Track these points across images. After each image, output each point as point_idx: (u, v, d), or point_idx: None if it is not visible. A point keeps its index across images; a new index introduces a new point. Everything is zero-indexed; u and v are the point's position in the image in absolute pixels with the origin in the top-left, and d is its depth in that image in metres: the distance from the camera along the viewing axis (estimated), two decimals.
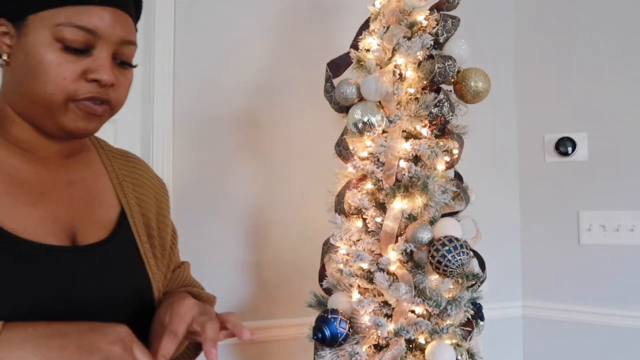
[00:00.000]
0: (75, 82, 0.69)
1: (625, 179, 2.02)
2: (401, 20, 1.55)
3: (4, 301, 0.62)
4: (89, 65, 0.70)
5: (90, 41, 0.70)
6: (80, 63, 0.70)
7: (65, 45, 0.69)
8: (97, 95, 0.71)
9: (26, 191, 0.71)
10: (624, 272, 2.01)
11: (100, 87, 0.71)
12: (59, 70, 0.68)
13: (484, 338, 1.65)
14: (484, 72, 1.55)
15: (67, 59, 0.69)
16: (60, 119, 0.71)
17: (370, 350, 1.47)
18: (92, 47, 0.70)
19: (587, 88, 2.10)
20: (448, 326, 1.48)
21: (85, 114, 0.71)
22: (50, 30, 0.68)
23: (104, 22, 0.70)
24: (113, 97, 0.73)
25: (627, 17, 2.04)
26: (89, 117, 0.72)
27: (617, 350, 2.01)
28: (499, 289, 2.01)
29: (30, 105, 0.71)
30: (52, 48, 0.68)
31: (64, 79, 0.69)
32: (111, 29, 0.70)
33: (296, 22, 2.03)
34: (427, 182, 1.47)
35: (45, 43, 0.68)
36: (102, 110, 0.72)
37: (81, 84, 0.70)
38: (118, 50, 0.73)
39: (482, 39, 2.11)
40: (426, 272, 1.48)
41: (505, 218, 2.22)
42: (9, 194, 0.69)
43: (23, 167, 0.73)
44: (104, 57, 0.71)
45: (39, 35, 0.69)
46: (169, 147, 1.79)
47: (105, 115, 0.74)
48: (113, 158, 0.86)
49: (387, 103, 1.52)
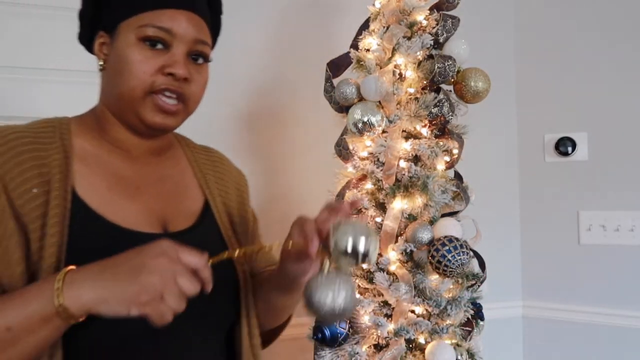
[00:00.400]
0: (153, 75, 0.79)
1: (625, 179, 2.02)
2: (401, 20, 1.55)
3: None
4: (166, 61, 0.80)
5: (167, 39, 0.80)
6: (159, 59, 0.80)
7: (146, 41, 0.79)
8: (171, 87, 0.80)
9: (124, 186, 0.81)
10: (624, 272, 2.01)
11: (175, 80, 0.80)
12: (141, 66, 0.79)
13: (484, 338, 1.64)
14: (484, 72, 1.55)
15: (147, 56, 0.79)
16: (140, 112, 0.80)
17: (370, 350, 1.47)
18: (169, 45, 0.80)
19: (587, 88, 2.10)
20: (448, 326, 1.48)
21: (160, 109, 0.80)
22: (135, 32, 0.80)
23: (179, 23, 0.80)
24: (187, 92, 0.82)
25: (627, 17, 2.04)
26: (164, 113, 0.81)
27: (617, 350, 2.00)
28: (499, 289, 2.01)
29: (118, 102, 0.81)
30: (136, 47, 0.79)
31: (144, 72, 0.79)
32: (185, 30, 0.81)
33: (296, 22, 2.02)
34: (427, 182, 1.47)
35: (130, 43, 0.79)
36: (175, 108, 0.81)
37: (158, 77, 0.79)
38: (192, 48, 0.82)
39: (482, 39, 2.11)
40: (426, 272, 1.48)
41: (505, 218, 2.22)
42: (110, 189, 0.80)
43: (121, 164, 0.83)
44: (179, 53, 0.81)
45: (126, 39, 0.80)
46: None
47: (180, 112, 0.82)
48: (197, 154, 0.96)
49: (387, 103, 1.52)
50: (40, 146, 0.77)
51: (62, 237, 0.72)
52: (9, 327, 0.64)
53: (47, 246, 0.71)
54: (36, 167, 0.74)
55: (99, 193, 0.78)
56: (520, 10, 2.26)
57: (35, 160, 0.75)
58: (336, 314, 0.72)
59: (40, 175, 0.74)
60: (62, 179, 0.75)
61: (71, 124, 0.84)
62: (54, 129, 0.81)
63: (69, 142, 0.80)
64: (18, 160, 0.74)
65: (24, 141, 0.76)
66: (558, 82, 2.16)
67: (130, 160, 0.85)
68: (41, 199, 0.73)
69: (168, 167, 0.90)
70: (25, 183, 0.73)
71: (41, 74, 1.69)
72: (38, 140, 0.77)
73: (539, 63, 2.21)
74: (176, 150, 0.94)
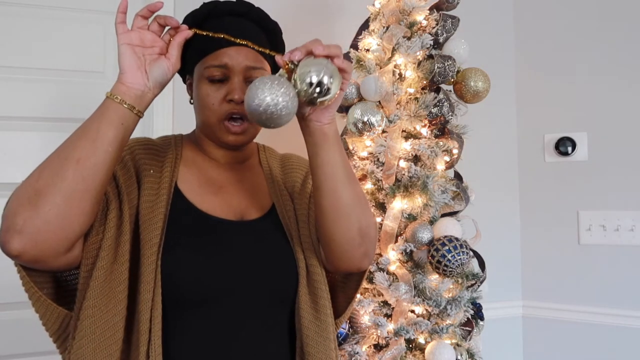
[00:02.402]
0: (220, 105, 1.00)
1: (625, 179, 2.02)
2: (401, 20, 1.56)
3: (199, 252, 0.93)
4: (227, 91, 1.00)
5: (225, 73, 1.00)
6: (221, 90, 1.00)
7: (210, 79, 1.00)
8: (234, 111, 1.00)
9: (212, 185, 1.04)
10: (624, 272, 2.01)
11: (236, 105, 0.99)
12: (209, 99, 1.00)
13: (484, 338, 1.65)
14: (483, 72, 1.55)
15: (212, 90, 1.00)
16: (218, 134, 1.02)
17: (370, 350, 1.47)
18: (228, 77, 1.00)
19: (587, 88, 2.10)
20: (448, 326, 1.48)
21: (230, 132, 1.01)
22: (201, 72, 1.02)
23: (230, 57, 1.00)
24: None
25: (627, 17, 2.04)
26: (234, 134, 1.02)
27: (617, 350, 2.01)
28: (499, 289, 2.01)
29: (203, 127, 1.05)
30: (204, 84, 1.01)
31: (212, 104, 1.00)
32: (236, 61, 1.00)
33: (296, 22, 2.02)
34: (427, 182, 1.47)
35: (200, 82, 1.02)
36: (240, 129, 1.01)
37: (224, 105, 1.00)
38: (246, 74, 1.00)
39: (482, 39, 2.11)
40: (426, 272, 1.48)
41: (505, 218, 2.22)
42: (201, 186, 1.03)
43: (211, 169, 1.06)
44: (235, 82, 1.00)
45: (197, 78, 1.03)
46: None
47: (246, 130, 1.02)
48: (271, 160, 1.15)
49: (387, 103, 1.52)
50: (161, 150, 1.05)
51: (165, 214, 0.95)
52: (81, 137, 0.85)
53: (154, 217, 0.94)
54: (156, 161, 1.02)
55: (193, 188, 1.02)
56: (520, 11, 2.26)
57: (156, 158, 1.03)
58: (263, 111, 0.78)
59: (157, 165, 1.02)
60: (170, 174, 1.01)
61: (184, 139, 1.10)
62: (172, 141, 1.08)
63: (180, 151, 1.06)
64: (146, 153, 1.03)
65: (152, 147, 1.05)
66: (558, 82, 2.16)
67: (218, 167, 1.07)
68: (154, 179, 0.99)
69: (247, 172, 1.10)
70: (148, 166, 1.01)
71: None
72: (161, 148, 1.06)
73: (538, 63, 2.21)
74: (255, 158, 1.14)
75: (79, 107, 1.74)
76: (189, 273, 0.92)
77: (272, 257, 1.00)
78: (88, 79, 1.77)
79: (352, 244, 0.98)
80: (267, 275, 0.98)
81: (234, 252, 0.97)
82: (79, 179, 0.82)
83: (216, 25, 1.01)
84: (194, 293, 0.92)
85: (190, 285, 0.92)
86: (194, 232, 0.96)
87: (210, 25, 1.01)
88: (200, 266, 0.93)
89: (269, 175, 1.12)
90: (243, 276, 0.95)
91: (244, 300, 0.95)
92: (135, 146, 1.03)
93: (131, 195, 0.96)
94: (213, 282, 0.93)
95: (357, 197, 0.98)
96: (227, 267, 0.95)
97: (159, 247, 0.91)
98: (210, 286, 0.93)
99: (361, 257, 1.01)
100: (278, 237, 1.02)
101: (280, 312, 1.00)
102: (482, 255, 1.61)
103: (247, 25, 1.05)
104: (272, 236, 1.02)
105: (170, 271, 0.91)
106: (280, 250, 1.01)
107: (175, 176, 1.02)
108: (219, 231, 0.98)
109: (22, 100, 1.70)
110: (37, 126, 1.71)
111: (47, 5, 1.74)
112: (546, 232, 2.17)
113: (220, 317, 0.93)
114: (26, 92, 1.71)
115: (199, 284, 0.92)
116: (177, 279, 0.91)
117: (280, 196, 1.08)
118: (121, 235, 0.91)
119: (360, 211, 0.98)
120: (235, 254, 0.97)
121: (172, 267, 0.91)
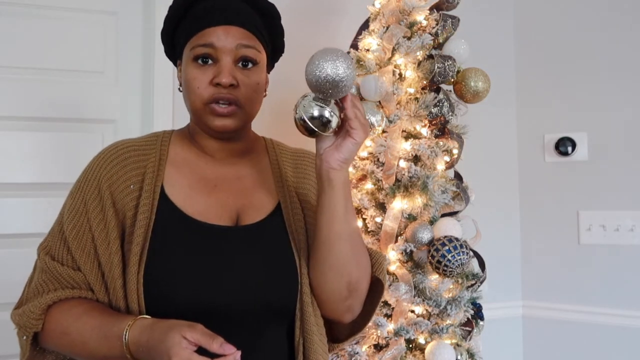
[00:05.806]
0: (206, 88, 0.91)
1: (625, 179, 2.02)
2: (401, 20, 1.55)
3: (182, 262, 0.87)
4: (214, 73, 0.91)
5: (212, 53, 0.92)
6: (208, 73, 0.92)
7: (196, 58, 0.92)
8: (221, 96, 0.91)
9: (204, 184, 0.95)
10: (624, 272, 2.01)
11: (223, 88, 0.91)
12: (195, 82, 0.92)
13: (484, 338, 1.65)
14: (483, 72, 1.55)
15: (199, 72, 0.92)
16: (205, 119, 0.93)
17: (370, 350, 1.47)
18: (217, 59, 0.92)
19: (587, 88, 2.10)
20: (448, 326, 1.48)
21: (216, 114, 0.92)
22: (188, 54, 0.94)
23: (218, 36, 0.91)
24: (237, 96, 0.92)
25: (627, 17, 2.04)
26: (220, 117, 0.92)
27: (617, 350, 2.00)
28: (499, 289, 2.01)
29: (191, 114, 0.97)
30: (191, 66, 0.93)
31: (198, 87, 0.92)
32: (224, 41, 0.91)
33: (296, 22, 2.02)
34: (427, 182, 1.47)
35: (187, 64, 0.94)
36: (227, 111, 0.92)
37: (210, 89, 0.91)
38: (236, 54, 0.92)
39: (482, 39, 2.11)
40: (426, 272, 1.48)
41: (505, 218, 2.22)
42: (191, 186, 0.94)
43: (204, 166, 0.97)
44: (224, 64, 0.91)
45: (184, 61, 0.95)
46: None
47: (234, 113, 0.92)
48: (282, 156, 1.05)
49: (387, 103, 1.52)
50: (142, 153, 0.96)
51: (149, 223, 0.88)
52: (85, 342, 0.85)
53: (137, 228, 0.88)
54: (136, 169, 0.93)
55: (182, 190, 0.94)
56: (520, 10, 2.26)
57: (136, 164, 0.94)
58: (332, 80, 0.83)
59: (138, 175, 0.93)
60: (153, 179, 0.93)
61: (172, 135, 1.02)
62: (157, 138, 1.00)
63: (165, 149, 0.98)
64: (122, 165, 0.94)
65: (131, 151, 0.96)
66: (558, 82, 2.16)
67: (213, 162, 0.98)
68: (136, 193, 0.91)
69: (248, 166, 1.00)
70: (126, 181, 0.92)
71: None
72: (142, 149, 0.97)
73: (539, 63, 2.21)
74: (260, 154, 1.04)
75: (79, 107, 1.74)
76: (171, 289, 0.85)
77: (270, 269, 0.91)
78: (88, 79, 1.77)
79: (337, 297, 0.92)
80: (262, 289, 0.89)
81: (224, 264, 0.88)
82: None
83: (206, 5, 0.95)
84: (178, 311, 0.84)
85: (173, 303, 0.85)
86: (179, 242, 0.88)
87: (200, 6, 0.95)
88: (185, 280, 0.86)
89: (277, 172, 1.02)
90: (234, 291, 0.87)
91: (235, 316, 0.87)
92: (105, 166, 0.95)
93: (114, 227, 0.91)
94: (198, 299, 0.85)
95: (352, 252, 0.91)
96: (216, 281, 0.87)
97: (140, 260, 0.86)
98: (196, 303, 0.85)
99: (344, 311, 0.95)
100: (279, 244, 0.93)
101: (277, 328, 0.93)
102: (482, 255, 1.61)
103: (239, 5, 0.96)
104: (271, 243, 0.93)
105: (149, 288, 0.85)
106: (280, 260, 0.92)
107: (160, 179, 0.93)
108: (208, 239, 0.90)
109: (22, 100, 1.70)
110: (37, 126, 1.70)
111: (47, 6, 1.74)
112: (546, 232, 2.16)
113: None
114: (26, 92, 1.70)
115: (183, 300, 0.85)
116: (158, 295, 0.85)
117: (288, 196, 0.99)
118: (111, 255, 0.89)
119: (354, 265, 0.91)
120: (226, 265, 0.88)
121: (152, 283, 0.86)
